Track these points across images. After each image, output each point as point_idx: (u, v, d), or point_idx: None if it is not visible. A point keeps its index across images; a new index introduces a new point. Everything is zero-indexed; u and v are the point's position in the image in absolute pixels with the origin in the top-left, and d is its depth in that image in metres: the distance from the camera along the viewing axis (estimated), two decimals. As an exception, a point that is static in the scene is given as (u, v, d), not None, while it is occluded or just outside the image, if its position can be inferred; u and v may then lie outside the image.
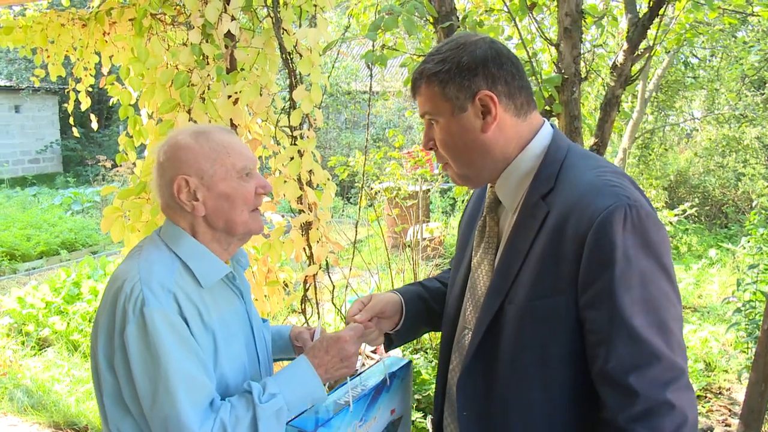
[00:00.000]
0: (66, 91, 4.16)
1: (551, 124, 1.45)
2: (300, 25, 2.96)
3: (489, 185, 1.49)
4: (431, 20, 3.17)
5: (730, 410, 4.36)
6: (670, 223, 8.18)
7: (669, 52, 7.64)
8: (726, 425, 4.17)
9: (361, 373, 1.67)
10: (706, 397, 4.56)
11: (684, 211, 8.06)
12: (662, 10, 3.15)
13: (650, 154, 10.10)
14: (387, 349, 1.74)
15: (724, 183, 10.98)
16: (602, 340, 1.21)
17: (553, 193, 1.32)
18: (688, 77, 10.04)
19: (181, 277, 1.45)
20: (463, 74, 1.34)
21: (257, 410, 1.37)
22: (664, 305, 1.21)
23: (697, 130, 12.33)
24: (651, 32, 3.34)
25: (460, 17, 3.19)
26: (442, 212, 10.27)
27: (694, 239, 9.37)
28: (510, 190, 1.41)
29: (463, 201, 10.12)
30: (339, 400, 1.55)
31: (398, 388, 1.69)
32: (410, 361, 1.75)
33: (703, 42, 8.49)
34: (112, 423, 1.44)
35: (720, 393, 4.66)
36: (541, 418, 1.32)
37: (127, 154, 3.28)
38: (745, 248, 5.39)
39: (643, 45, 3.32)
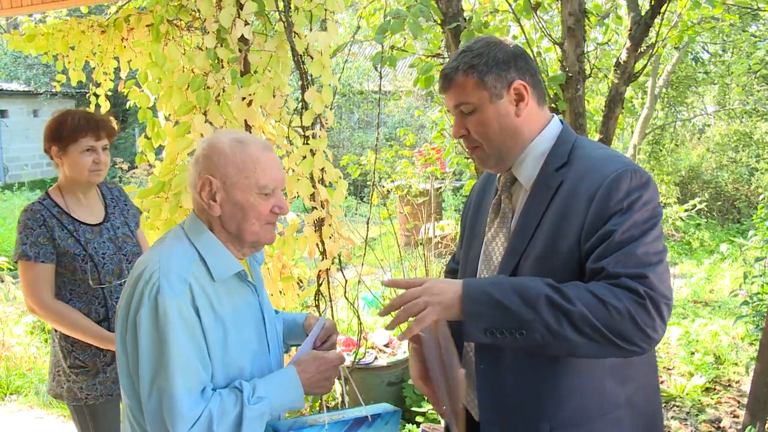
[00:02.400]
0: (87, 95, 4.29)
1: (559, 117, 1.66)
2: (311, 29, 3.06)
3: None
4: (438, 22, 3.26)
5: (738, 402, 4.41)
6: (681, 218, 8.19)
7: (678, 48, 7.65)
8: (734, 416, 4.22)
9: (347, 408, 1.74)
10: (715, 389, 4.61)
11: (694, 206, 8.07)
12: (664, 7, 3.22)
13: (661, 150, 10.11)
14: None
15: (737, 178, 10.95)
16: (601, 260, 1.39)
17: (566, 166, 1.52)
18: (699, 73, 10.03)
19: (197, 268, 1.57)
20: (500, 66, 1.53)
21: (245, 410, 1.49)
22: (648, 241, 1.39)
23: (710, 126, 12.29)
24: (661, 29, 3.42)
25: (467, 18, 3.28)
26: (455, 210, 10.33)
27: (706, 234, 9.37)
28: (528, 169, 1.58)
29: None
30: (318, 419, 1.63)
31: (381, 429, 1.71)
32: (400, 411, 1.77)
33: (713, 37, 8.49)
34: (125, 394, 1.60)
35: (729, 385, 4.70)
36: (551, 366, 1.48)
37: (146, 155, 3.40)
38: (752, 242, 5.43)
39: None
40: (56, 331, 2.57)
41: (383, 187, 7.00)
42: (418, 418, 3.85)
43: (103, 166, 2.58)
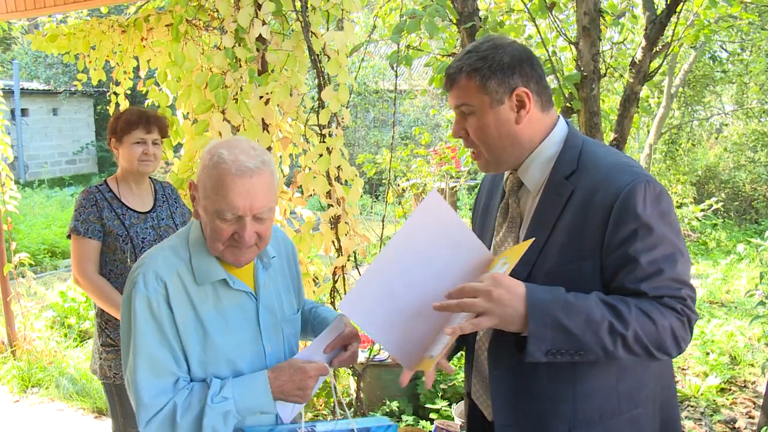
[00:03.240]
0: (108, 94, 4.36)
1: (565, 119, 1.63)
2: (328, 28, 3.09)
3: (508, 171, 1.65)
4: (454, 21, 3.28)
5: (754, 403, 4.39)
6: (696, 218, 8.14)
7: (695, 47, 7.60)
8: (750, 417, 4.20)
9: (339, 419, 1.68)
10: (730, 389, 4.60)
11: (710, 206, 8.01)
12: (680, 6, 3.22)
13: (677, 150, 10.05)
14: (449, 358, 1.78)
15: (755, 178, 10.85)
16: (639, 284, 1.41)
17: (576, 174, 1.50)
18: (717, 72, 9.96)
19: (186, 269, 1.61)
20: (504, 71, 1.49)
21: (206, 408, 1.53)
22: (678, 258, 1.42)
23: (727, 125, 12.19)
24: (677, 28, 3.41)
25: (482, 18, 3.30)
26: (469, 209, 10.34)
27: (722, 235, 9.30)
28: (535, 173, 1.57)
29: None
30: (298, 429, 1.62)
31: None
32: (395, 425, 1.69)
33: (731, 36, 8.43)
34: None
35: (745, 386, 4.68)
36: (568, 370, 1.48)
37: (165, 152, 3.45)
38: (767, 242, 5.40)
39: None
40: (96, 308, 2.76)
41: (398, 185, 7.03)
42: (432, 415, 3.88)
43: (152, 158, 2.77)
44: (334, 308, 3.40)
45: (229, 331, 1.64)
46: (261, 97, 2.98)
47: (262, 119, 3.04)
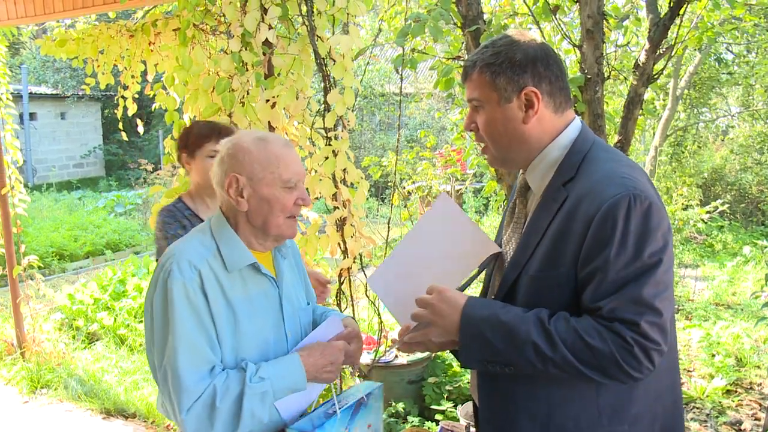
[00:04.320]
0: (116, 98, 4.41)
1: (581, 121, 1.60)
2: (333, 32, 3.12)
3: (521, 172, 1.65)
4: (458, 25, 3.31)
5: (760, 405, 4.39)
6: (702, 220, 8.12)
7: (700, 49, 7.60)
8: (755, 419, 4.20)
9: (341, 393, 1.86)
10: (736, 391, 4.59)
11: (715, 208, 8.00)
12: (683, 9, 3.23)
13: (683, 152, 10.03)
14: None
15: (761, 180, 10.83)
16: (597, 300, 1.39)
17: (573, 180, 1.47)
18: (723, 74, 9.94)
19: (214, 258, 1.68)
20: (514, 69, 1.48)
21: (245, 388, 1.57)
22: (648, 280, 1.36)
23: (733, 127, 12.16)
24: (680, 31, 3.43)
25: (486, 21, 3.32)
26: (476, 212, 10.35)
27: (729, 237, 9.29)
28: (538, 176, 1.56)
29: (495, 200, 10.20)
30: (327, 411, 1.75)
31: (373, 406, 1.86)
32: (381, 384, 1.92)
33: (737, 38, 8.42)
34: (153, 373, 1.69)
35: (751, 388, 4.68)
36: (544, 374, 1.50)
37: (172, 155, 3.48)
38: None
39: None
40: None
41: (404, 188, 7.05)
42: (438, 416, 3.90)
43: None
44: (340, 310, 3.43)
45: (256, 317, 1.71)
46: (267, 101, 3.02)
47: (269, 122, 3.07)
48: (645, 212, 1.36)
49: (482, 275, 1.83)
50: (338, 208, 3.14)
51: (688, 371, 4.89)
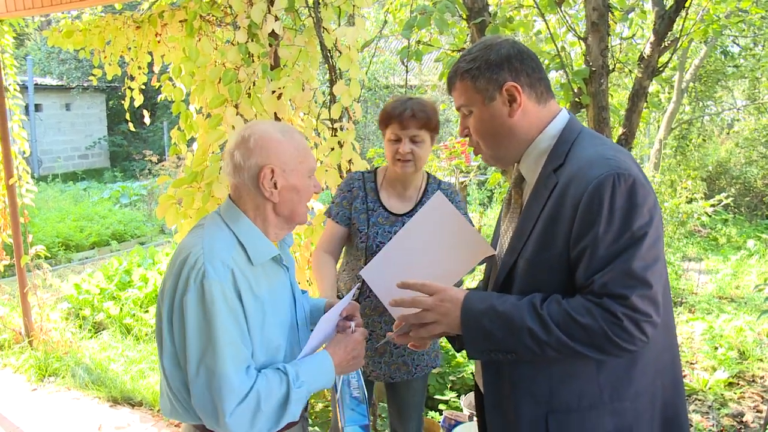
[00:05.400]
0: (122, 89, 4.43)
1: (568, 111, 1.66)
2: (339, 24, 3.14)
3: (516, 164, 1.70)
4: (464, 17, 3.32)
5: (762, 397, 4.41)
6: (707, 213, 8.12)
7: (706, 42, 7.58)
8: (757, 411, 4.22)
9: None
10: (738, 384, 4.61)
11: (720, 201, 8.00)
12: (688, 2, 3.24)
13: (688, 145, 10.01)
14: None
15: (766, 173, 10.81)
16: (588, 276, 1.44)
17: (562, 167, 1.54)
18: (729, 67, 9.91)
19: (237, 253, 1.65)
20: (491, 69, 1.57)
21: (291, 392, 1.59)
22: (637, 253, 1.40)
23: (739, 120, 12.13)
24: (686, 23, 3.43)
25: (492, 13, 3.33)
26: (479, 204, 10.36)
27: (733, 230, 9.28)
28: (530, 166, 1.63)
29: (499, 192, 10.20)
30: (352, 395, 1.85)
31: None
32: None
33: (743, 30, 8.39)
34: (171, 379, 1.65)
35: (753, 381, 4.69)
36: None
37: (178, 146, 3.51)
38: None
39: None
40: None
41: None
42: (441, 406, 3.93)
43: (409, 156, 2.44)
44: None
45: (279, 308, 1.73)
46: (273, 92, 3.03)
47: (275, 113, 3.09)
48: (629, 189, 1.41)
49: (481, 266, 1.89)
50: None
51: (691, 364, 4.91)
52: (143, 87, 4.43)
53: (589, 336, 1.41)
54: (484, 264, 1.85)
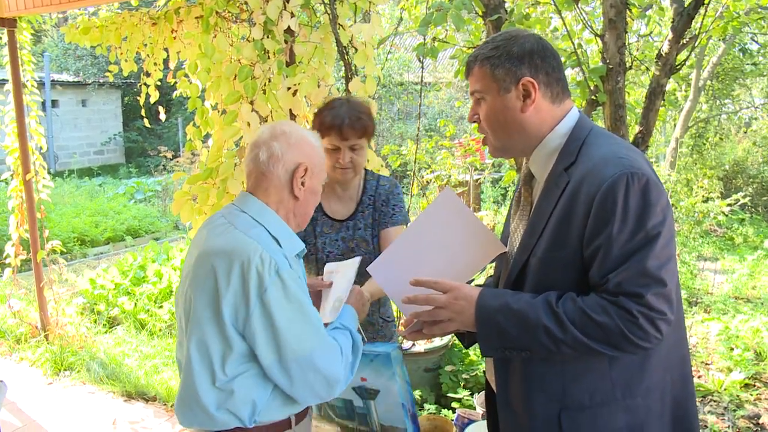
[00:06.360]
0: (138, 85, 4.45)
1: (579, 110, 1.66)
2: (355, 21, 3.13)
3: (525, 161, 1.71)
4: (480, 13, 3.30)
5: (778, 398, 4.37)
6: (723, 213, 8.04)
7: (724, 39, 7.49)
8: (774, 413, 4.18)
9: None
10: (755, 385, 4.56)
11: (736, 200, 7.91)
12: (707, -1, 3.20)
13: (704, 144, 9.91)
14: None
15: (785, 173, 10.69)
16: (603, 275, 1.45)
17: (574, 165, 1.54)
18: (747, 64, 9.80)
19: (275, 247, 1.71)
20: (512, 61, 1.57)
21: (355, 340, 1.84)
22: (651, 252, 1.41)
23: (757, 119, 11.99)
24: (705, 20, 3.39)
25: (508, 10, 3.31)
26: (493, 201, 10.32)
27: (750, 230, 9.17)
28: (540, 164, 1.63)
29: (513, 190, 10.15)
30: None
31: (378, 365, 2.07)
32: (396, 346, 2.14)
33: (762, 28, 8.29)
34: (224, 383, 1.67)
35: (770, 382, 4.65)
36: None
37: (194, 142, 3.52)
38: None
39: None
40: None
41: (423, 177, 7.05)
42: (454, 404, 3.92)
43: (349, 165, 2.44)
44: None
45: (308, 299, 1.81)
46: (289, 89, 3.03)
47: (290, 110, 3.09)
48: (643, 189, 1.42)
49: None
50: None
51: (706, 364, 4.87)
52: (159, 83, 4.45)
53: (606, 334, 1.42)
54: (494, 261, 1.86)
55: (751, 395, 4.40)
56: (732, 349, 4.96)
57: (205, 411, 1.68)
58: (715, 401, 4.32)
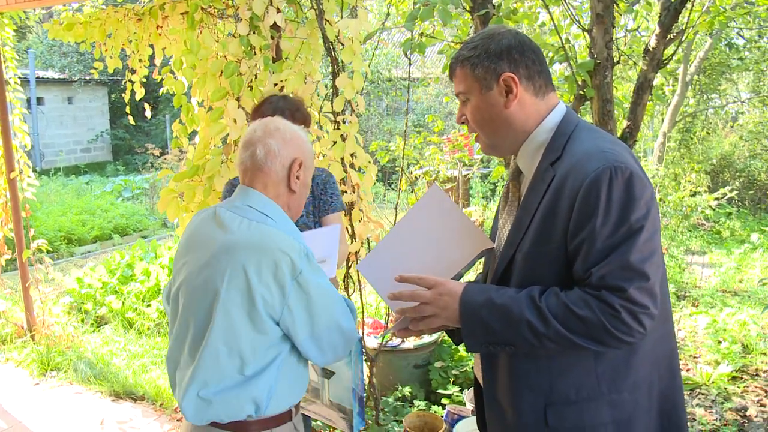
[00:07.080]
0: (123, 82, 4.41)
1: (566, 105, 1.67)
2: (342, 16, 3.11)
3: (513, 157, 1.72)
4: (467, 8, 3.29)
5: (765, 391, 4.39)
6: (710, 207, 8.09)
7: (711, 34, 7.53)
8: (761, 405, 4.21)
9: None
10: (742, 378, 4.59)
11: (723, 194, 7.97)
12: (694, -6, 3.20)
13: (692, 138, 9.97)
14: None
15: (771, 167, 10.77)
16: (586, 269, 1.45)
17: (559, 160, 1.55)
18: (734, 59, 9.85)
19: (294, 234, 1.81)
20: (490, 59, 1.58)
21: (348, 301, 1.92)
22: (634, 245, 1.41)
23: (743, 113, 12.08)
24: (691, 15, 3.39)
25: (495, 5, 3.30)
26: (482, 197, 10.34)
27: (737, 224, 9.24)
28: (528, 160, 1.64)
29: (502, 185, 10.17)
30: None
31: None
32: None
33: (748, 23, 8.34)
34: (250, 367, 1.70)
35: (757, 375, 4.68)
36: None
37: (180, 139, 3.49)
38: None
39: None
40: None
41: (411, 173, 7.04)
42: (444, 400, 3.92)
43: None
44: (348, 295, 3.44)
45: None
46: (275, 85, 3.01)
47: (277, 107, 3.06)
48: (626, 182, 1.42)
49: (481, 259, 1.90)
50: (346, 192, 3.14)
51: (694, 357, 4.89)
52: (144, 80, 4.40)
53: (588, 328, 1.42)
54: (482, 257, 1.86)
55: (739, 387, 4.42)
56: (720, 342, 5.00)
57: (228, 402, 1.70)
58: (703, 394, 4.34)
